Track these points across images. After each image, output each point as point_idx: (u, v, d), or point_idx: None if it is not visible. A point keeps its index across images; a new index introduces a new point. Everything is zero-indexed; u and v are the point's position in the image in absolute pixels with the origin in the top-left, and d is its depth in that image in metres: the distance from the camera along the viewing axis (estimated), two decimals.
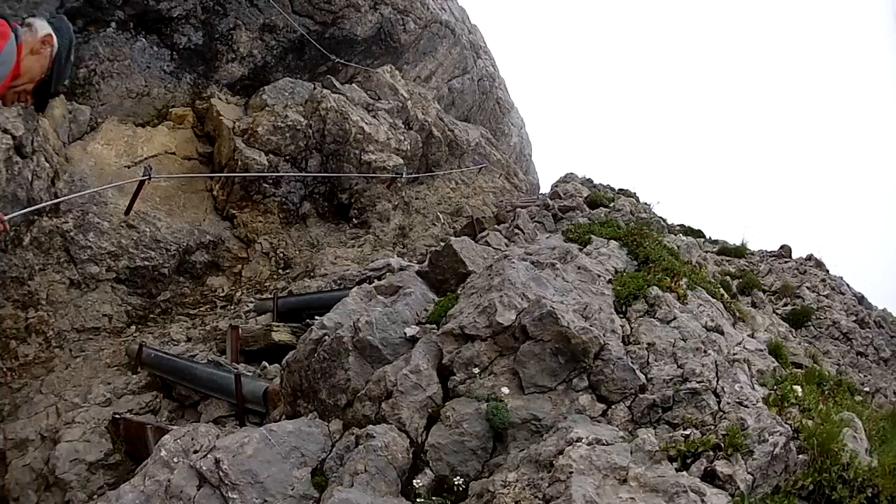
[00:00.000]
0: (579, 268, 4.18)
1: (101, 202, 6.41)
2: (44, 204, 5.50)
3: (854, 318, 11.23)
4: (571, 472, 2.56)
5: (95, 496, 4.20)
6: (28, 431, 4.75)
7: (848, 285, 12.61)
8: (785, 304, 11.27)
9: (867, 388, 8.81)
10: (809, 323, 10.73)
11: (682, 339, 3.54)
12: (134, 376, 5.28)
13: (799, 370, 5.32)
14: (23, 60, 3.18)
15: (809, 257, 13.47)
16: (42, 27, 3.30)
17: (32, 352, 5.44)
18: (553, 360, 3.20)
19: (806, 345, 9.00)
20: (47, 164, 5.78)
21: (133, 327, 6.30)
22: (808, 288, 11.82)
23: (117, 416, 4.61)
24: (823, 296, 11.65)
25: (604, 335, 3.32)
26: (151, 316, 6.56)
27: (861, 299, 12.37)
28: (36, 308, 5.64)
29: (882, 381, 9.96)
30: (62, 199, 5.75)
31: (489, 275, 3.85)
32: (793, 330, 9.67)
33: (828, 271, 12.97)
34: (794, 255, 13.97)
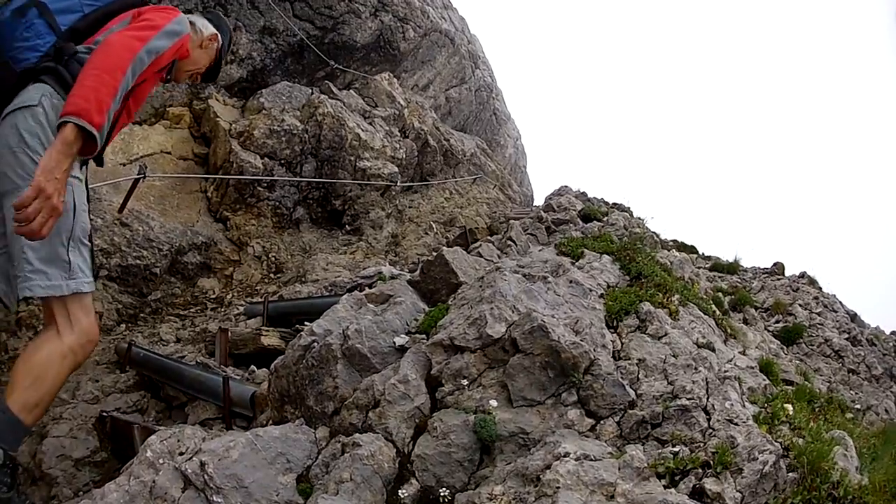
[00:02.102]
0: (571, 282, 4.17)
1: (94, 199, 6.38)
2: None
3: (846, 335, 11.28)
4: (558, 487, 2.55)
5: (81, 493, 4.16)
6: None
7: (841, 303, 12.67)
8: (777, 322, 11.32)
9: (858, 406, 8.86)
10: (801, 340, 10.78)
11: (673, 356, 3.53)
12: (122, 375, 5.25)
13: (790, 387, 5.33)
14: (192, 50, 3.58)
15: (802, 275, 13.53)
16: (206, 26, 3.78)
17: (22, 345, 5.40)
18: (542, 373, 3.18)
19: (797, 362, 9.03)
20: None
21: (123, 326, 6.28)
22: (800, 305, 11.86)
23: (105, 413, 4.57)
24: (816, 313, 11.69)
25: (594, 350, 3.31)
26: (142, 315, 6.54)
27: (854, 317, 12.44)
28: (27, 302, 5.60)
29: (873, 399, 10.01)
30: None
31: (480, 286, 3.84)
32: (784, 347, 9.70)
33: (820, 289, 13.03)
34: (787, 273, 14.02)
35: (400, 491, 2.90)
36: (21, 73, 3.17)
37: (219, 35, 3.86)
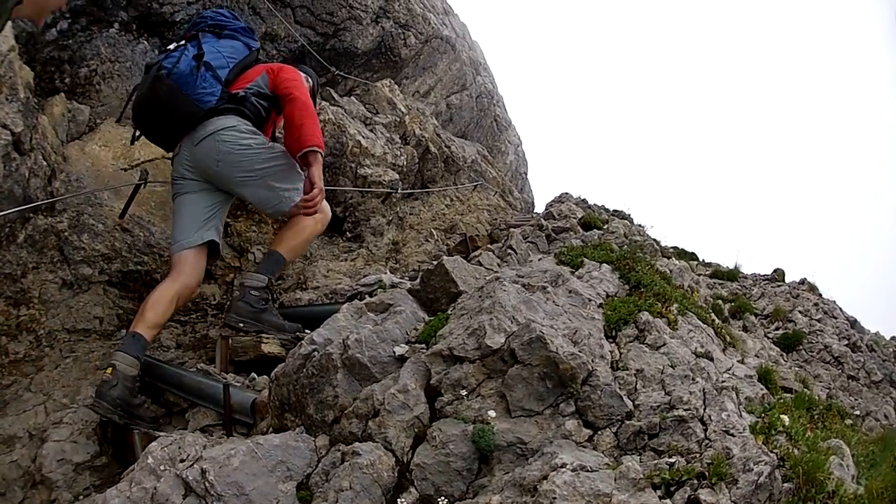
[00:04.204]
0: (570, 291, 4.20)
1: (96, 204, 6.38)
2: (41, 202, 5.49)
3: (846, 342, 11.26)
4: (555, 498, 2.57)
5: (81, 497, 4.17)
6: (16, 428, 4.72)
7: (841, 309, 12.64)
8: (777, 328, 11.31)
9: (858, 412, 8.86)
10: (801, 347, 10.77)
11: (671, 366, 3.56)
12: None
13: (788, 395, 5.35)
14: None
15: (802, 281, 13.52)
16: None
17: (23, 349, 5.40)
18: (541, 384, 3.21)
19: (797, 369, 9.04)
20: (45, 163, 5.74)
21: (124, 331, 6.25)
22: (800, 312, 11.85)
23: (105, 419, 4.59)
24: (816, 320, 11.68)
25: (592, 361, 3.33)
26: None
27: (854, 323, 12.42)
28: (28, 306, 5.61)
29: (873, 405, 10.00)
30: (59, 198, 5.73)
31: (480, 296, 3.86)
32: (784, 354, 9.69)
33: (821, 295, 12.99)
34: (787, 279, 14.00)
35: (399, 500, 2.93)
36: (207, 110, 4.67)
37: (309, 79, 5.44)
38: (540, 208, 14.78)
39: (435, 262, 4.63)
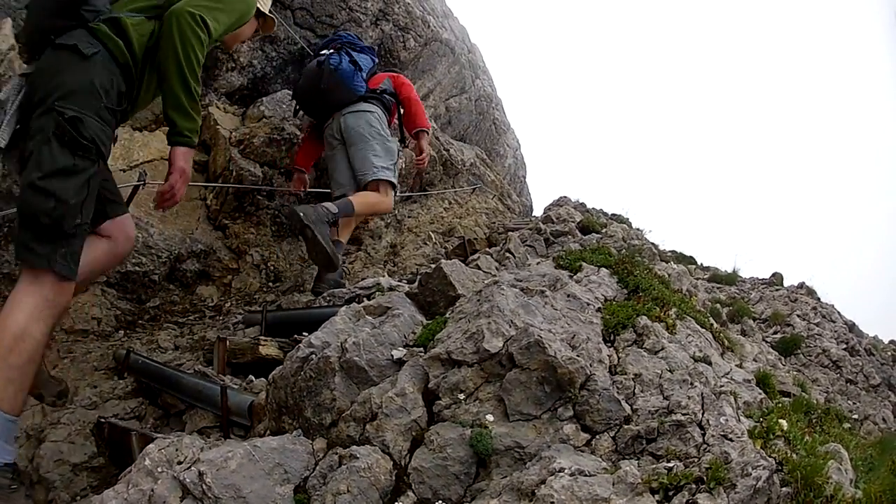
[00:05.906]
0: (569, 296, 4.19)
1: None
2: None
3: (844, 345, 11.27)
4: (552, 502, 2.56)
5: (78, 497, 4.15)
6: None
7: (839, 313, 12.65)
8: (775, 332, 11.32)
9: (856, 416, 8.87)
10: (799, 351, 10.78)
11: (669, 371, 3.55)
12: (120, 381, 5.24)
13: (787, 399, 5.34)
14: None
15: (801, 285, 13.53)
16: None
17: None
18: (539, 388, 3.20)
19: (795, 373, 9.03)
20: None
21: (121, 332, 6.27)
22: (798, 316, 11.85)
23: (102, 420, 4.57)
24: (814, 324, 11.69)
25: (590, 365, 3.33)
26: (140, 322, 6.53)
27: (852, 327, 12.43)
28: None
29: (871, 409, 10.01)
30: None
31: (478, 300, 3.85)
32: (782, 358, 9.69)
33: (819, 299, 13.01)
34: (786, 283, 14.01)
35: (396, 503, 2.92)
36: (359, 97, 6.85)
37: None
38: (538, 212, 14.74)
39: (433, 266, 4.62)
